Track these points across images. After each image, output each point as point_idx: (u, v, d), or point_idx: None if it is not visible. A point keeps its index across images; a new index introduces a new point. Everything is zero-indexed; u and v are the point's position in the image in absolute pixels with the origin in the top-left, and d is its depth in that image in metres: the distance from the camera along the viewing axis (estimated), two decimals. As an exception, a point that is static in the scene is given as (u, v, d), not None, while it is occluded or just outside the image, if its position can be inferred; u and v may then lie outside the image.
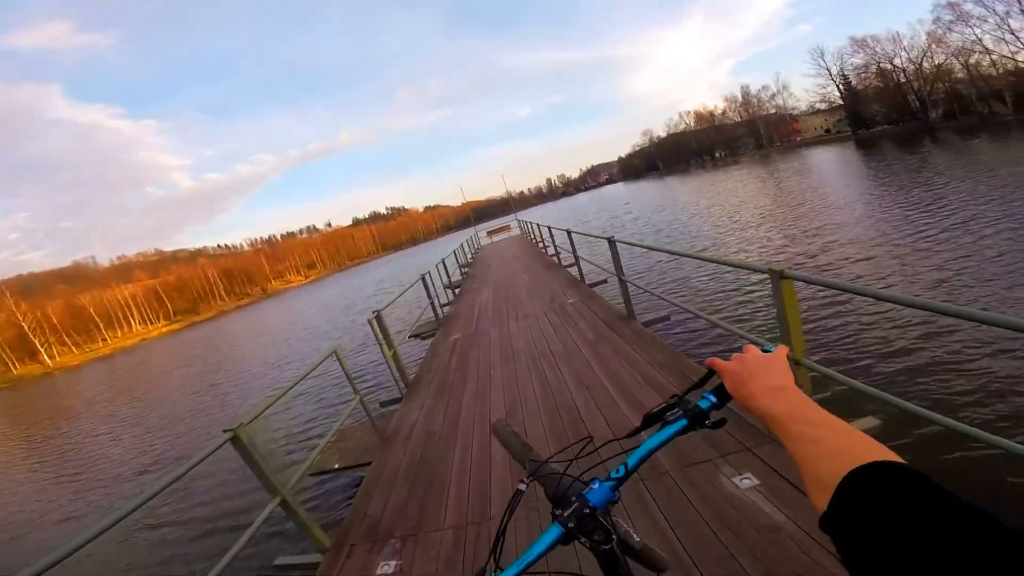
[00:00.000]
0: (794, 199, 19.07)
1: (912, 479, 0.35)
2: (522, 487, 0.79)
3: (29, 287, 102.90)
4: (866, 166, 24.70)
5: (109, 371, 42.01)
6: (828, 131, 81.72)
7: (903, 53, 48.54)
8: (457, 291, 12.60)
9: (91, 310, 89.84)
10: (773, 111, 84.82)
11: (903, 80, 48.62)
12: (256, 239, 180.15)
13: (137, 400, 20.10)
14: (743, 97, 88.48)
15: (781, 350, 0.64)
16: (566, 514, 0.68)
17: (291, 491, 2.74)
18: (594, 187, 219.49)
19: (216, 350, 30.11)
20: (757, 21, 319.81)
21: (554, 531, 0.68)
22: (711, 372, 0.71)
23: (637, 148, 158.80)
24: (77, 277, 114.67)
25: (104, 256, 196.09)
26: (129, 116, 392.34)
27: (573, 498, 0.70)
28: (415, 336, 9.13)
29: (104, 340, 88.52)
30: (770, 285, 2.49)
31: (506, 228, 31.34)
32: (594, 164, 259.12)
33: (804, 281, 2.44)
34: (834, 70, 60.85)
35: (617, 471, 0.71)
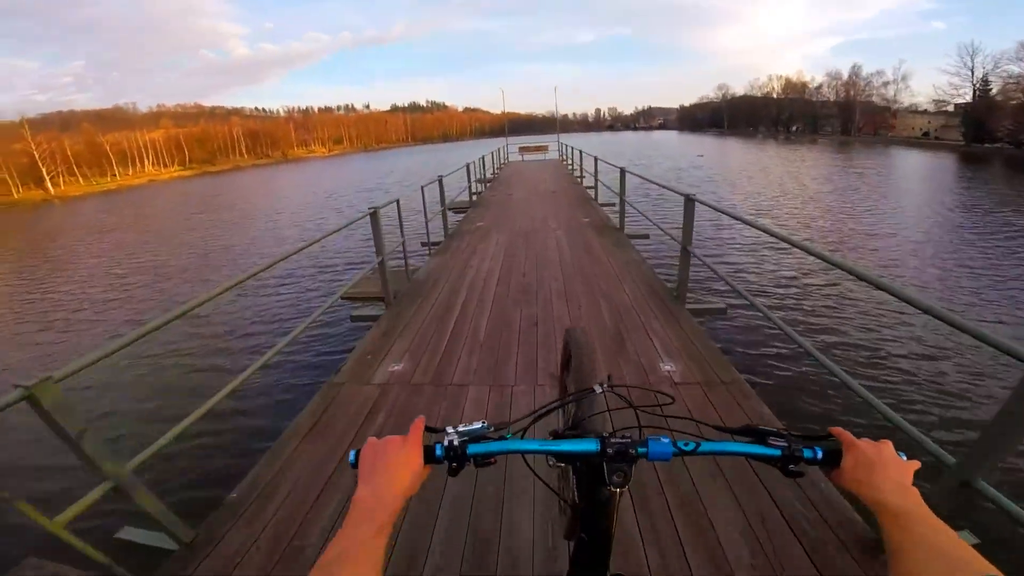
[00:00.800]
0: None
1: None
2: (597, 389, 0.78)
3: (68, 122, 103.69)
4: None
5: (105, 208, 38.57)
6: (926, 134, 72.03)
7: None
8: (454, 225, 8.40)
9: (107, 147, 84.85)
10: (876, 99, 74.38)
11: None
12: (293, 108, 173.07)
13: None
14: (851, 76, 76.81)
15: (914, 463, 0.63)
16: (612, 439, 0.64)
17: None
18: (644, 129, 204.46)
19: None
20: (886, 5, 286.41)
21: (591, 444, 0.64)
22: (829, 435, 0.68)
23: (705, 100, 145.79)
24: (115, 119, 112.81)
25: (144, 103, 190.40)
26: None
27: (628, 433, 0.66)
28: (347, 299, 5.14)
29: (114, 176, 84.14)
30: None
31: (542, 149, 24.90)
32: (651, 106, 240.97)
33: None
34: (978, 73, 51.32)
35: (687, 444, 0.66)
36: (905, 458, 0.63)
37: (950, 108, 69.89)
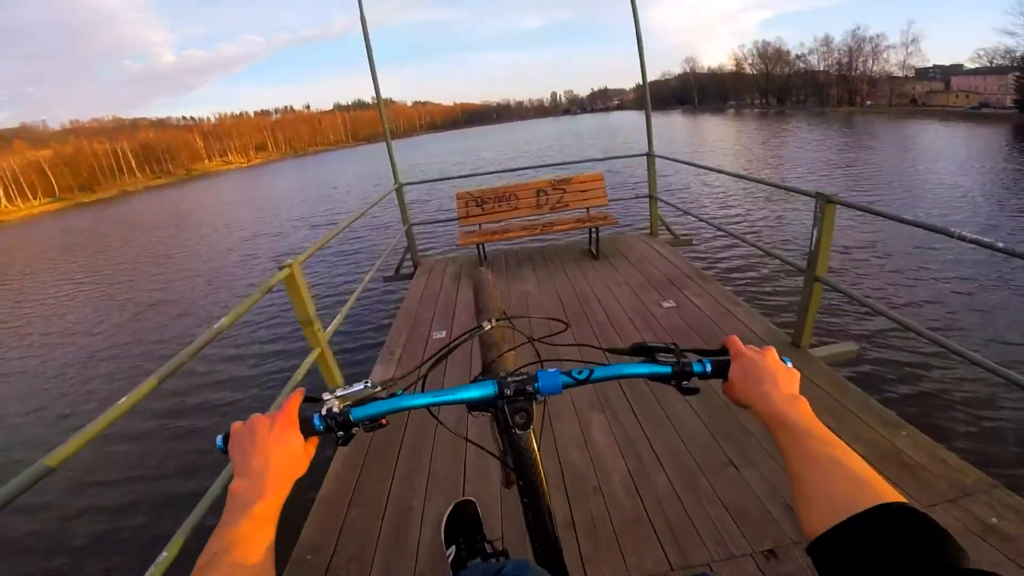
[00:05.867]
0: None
1: (937, 538, 0.33)
2: (486, 325, 0.74)
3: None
4: None
5: None
6: (914, 101, 62.89)
7: None
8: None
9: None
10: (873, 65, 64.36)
11: None
12: (226, 114, 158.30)
13: None
14: (854, 43, 66.03)
15: (796, 372, 0.59)
16: (510, 379, 0.61)
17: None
18: (601, 111, 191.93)
19: None
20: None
21: (489, 387, 0.62)
22: (724, 349, 0.64)
23: (670, 77, 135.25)
24: (18, 139, 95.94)
25: (57, 120, 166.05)
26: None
27: (523, 370, 0.64)
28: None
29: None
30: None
31: (597, 180, 5.09)
32: (607, 87, 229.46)
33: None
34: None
35: (580, 372, 0.63)
36: (790, 363, 0.59)
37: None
